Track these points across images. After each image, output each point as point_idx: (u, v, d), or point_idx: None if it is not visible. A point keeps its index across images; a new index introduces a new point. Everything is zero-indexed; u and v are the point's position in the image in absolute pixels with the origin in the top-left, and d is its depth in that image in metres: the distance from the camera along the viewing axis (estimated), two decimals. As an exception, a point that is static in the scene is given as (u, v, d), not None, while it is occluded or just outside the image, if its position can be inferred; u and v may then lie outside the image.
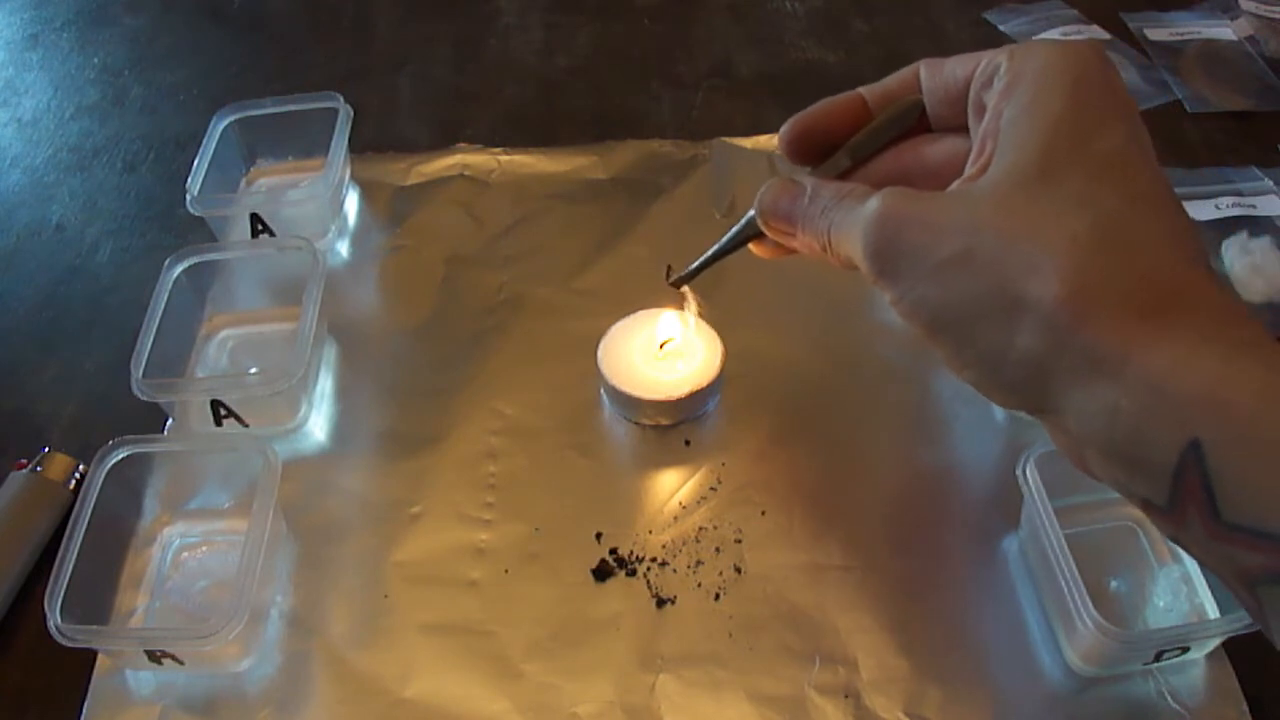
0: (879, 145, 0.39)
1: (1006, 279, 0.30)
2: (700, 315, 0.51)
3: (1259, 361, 0.27)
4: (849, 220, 0.35)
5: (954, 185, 0.34)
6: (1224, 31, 0.75)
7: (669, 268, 0.49)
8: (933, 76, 0.38)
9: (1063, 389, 0.30)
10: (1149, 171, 0.32)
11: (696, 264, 0.47)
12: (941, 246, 0.32)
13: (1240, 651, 0.42)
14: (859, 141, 0.39)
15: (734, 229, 0.43)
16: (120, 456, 0.46)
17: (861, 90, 0.40)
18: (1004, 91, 0.34)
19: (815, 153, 0.40)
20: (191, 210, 0.58)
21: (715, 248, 0.45)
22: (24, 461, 0.49)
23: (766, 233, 0.41)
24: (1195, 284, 0.30)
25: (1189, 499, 0.28)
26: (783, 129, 0.40)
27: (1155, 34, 0.75)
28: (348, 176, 0.64)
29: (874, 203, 0.34)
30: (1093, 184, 0.31)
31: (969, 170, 0.34)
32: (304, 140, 0.63)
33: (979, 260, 0.31)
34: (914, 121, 0.39)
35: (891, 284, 0.33)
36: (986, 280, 0.31)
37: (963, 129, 0.37)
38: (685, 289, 0.50)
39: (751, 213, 0.41)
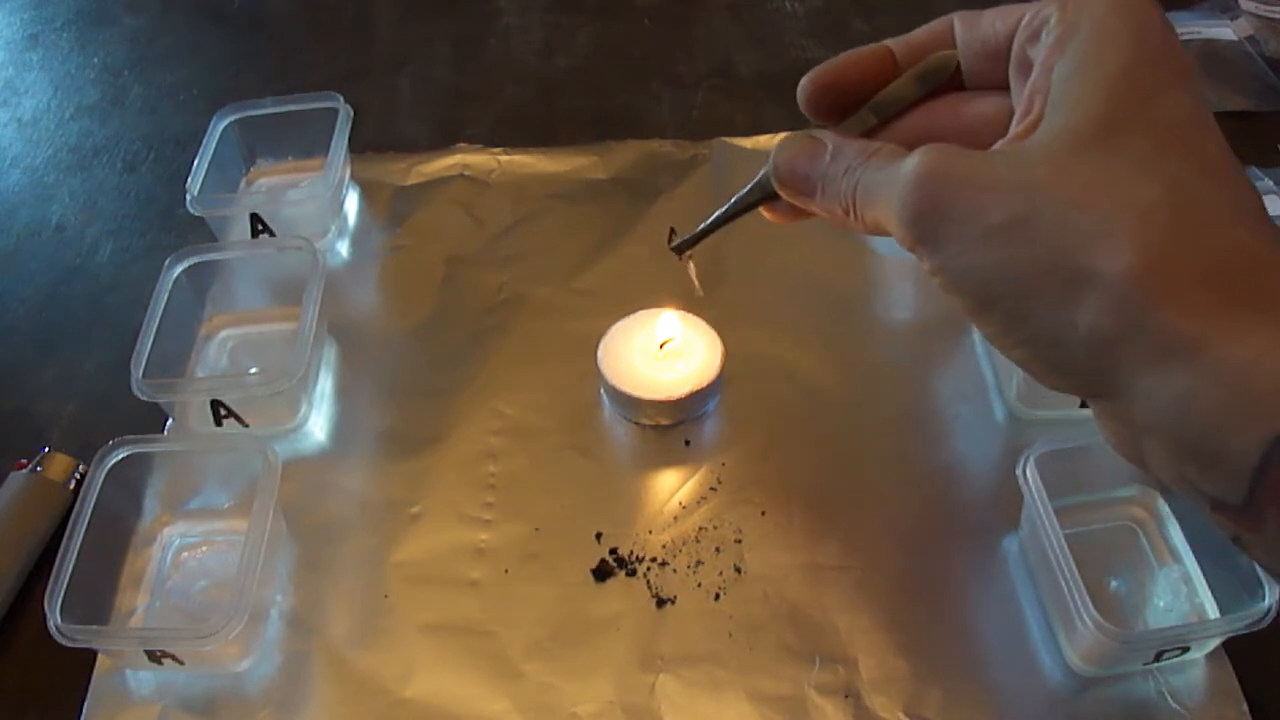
0: (907, 103, 0.36)
1: (1069, 249, 0.27)
2: (699, 283, 0.47)
3: None
4: (879, 180, 0.32)
5: (998, 145, 0.31)
6: (1224, 31, 0.75)
7: (671, 230, 0.44)
8: (969, 29, 0.34)
9: (1130, 373, 0.27)
10: (1216, 138, 0.29)
11: (701, 227, 0.42)
12: (993, 210, 0.28)
13: (1240, 651, 0.42)
14: (886, 98, 0.36)
15: (744, 190, 0.39)
16: (120, 456, 0.46)
17: (889, 42, 0.36)
18: (1055, 45, 0.30)
19: (837, 108, 0.37)
20: (191, 210, 0.58)
21: (723, 210, 0.40)
22: (24, 461, 0.49)
23: (782, 194, 0.37)
24: (1273, 260, 0.27)
25: (1269, 498, 0.26)
26: (803, 81, 0.36)
27: (1155, 34, 0.75)
28: (348, 176, 0.64)
29: (914, 160, 0.30)
30: (1160, 149, 0.28)
31: (1015, 129, 0.31)
32: (304, 140, 0.63)
33: (1038, 226, 0.28)
34: (946, 78, 0.35)
35: (933, 251, 0.30)
36: (1046, 248, 0.28)
37: (1001, 87, 0.34)
38: (689, 259, 0.46)
39: (764, 172, 0.37)
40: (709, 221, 0.41)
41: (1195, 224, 0.27)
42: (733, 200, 0.39)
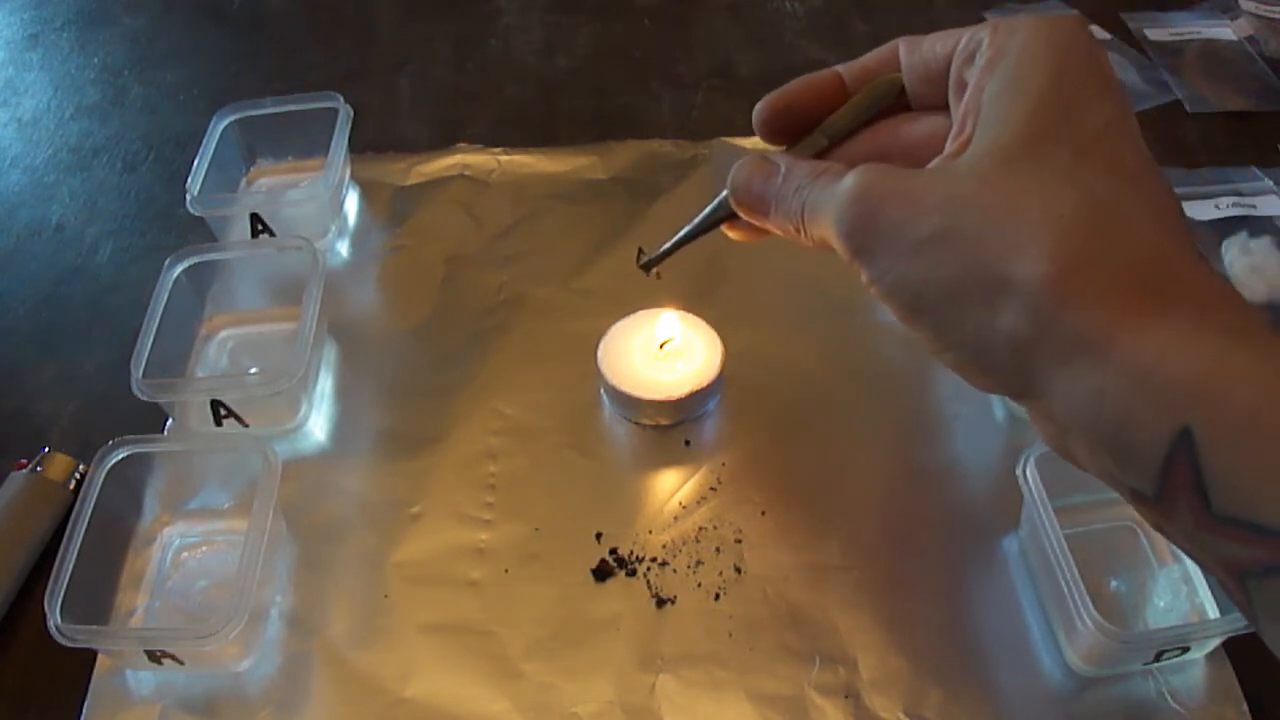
0: (856, 124, 0.38)
1: (990, 257, 0.29)
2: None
3: (1253, 348, 0.27)
4: (823, 199, 0.34)
5: (934, 162, 0.33)
6: (1224, 31, 0.75)
7: (640, 249, 0.46)
8: (912, 53, 0.37)
9: (1047, 372, 0.29)
10: (1136, 149, 0.31)
11: (667, 245, 0.44)
12: (921, 223, 0.30)
13: (1240, 651, 0.42)
14: (835, 120, 0.38)
15: (706, 209, 0.41)
16: (120, 456, 0.46)
17: (838, 68, 0.38)
18: (986, 67, 0.33)
19: (791, 132, 0.39)
20: (191, 210, 0.58)
21: (686, 229, 0.42)
22: (24, 461, 0.49)
23: (740, 213, 0.39)
24: (1186, 266, 0.29)
25: (1178, 489, 0.27)
26: (757, 107, 0.39)
27: (1155, 34, 0.75)
28: (348, 176, 0.64)
29: (850, 179, 0.32)
30: (1079, 161, 0.30)
31: (949, 147, 0.33)
32: (304, 140, 0.63)
33: (961, 238, 0.30)
34: (893, 100, 0.37)
35: (869, 263, 0.32)
36: (969, 259, 0.29)
37: (943, 108, 0.36)
38: (657, 274, 0.46)
39: (725, 193, 0.39)
40: (674, 240, 0.43)
41: (1108, 230, 0.28)
42: (696, 219, 0.42)
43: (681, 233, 0.43)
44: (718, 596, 0.45)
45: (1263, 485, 0.26)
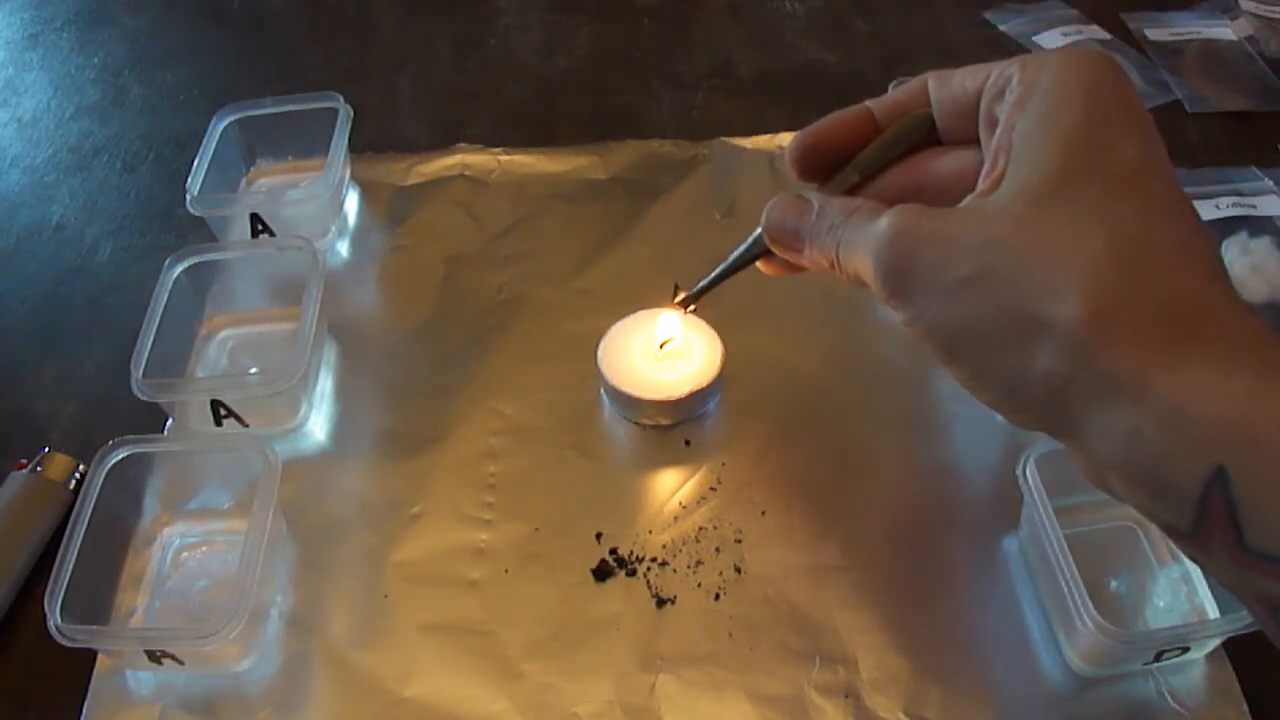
0: (888, 160, 0.38)
1: (1025, 299, 0.29)
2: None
3: None
4: (859, 237, 0.34)
5: (967, 201, 0.33)
6: (1224, 31, 0.75)
7: (676, 286, 0.48)
8: (942, 88, 0.37)
9: (1083, 412, 0.29)
10: (1166, 185, 0.31)
11: (703, 283, 0.46)
12: (957, 265, 0.31)
13: (1240, 651, 0.42)
14: (867, 156, 0.39)
15: (741, 247, 0.42)
16: (120, 456, 0.46)
17: (869, 103, 0.39)
18: (1016, 104, 0.33)
19: (823, 168, 0.40)
20: (191, 210, 0.58)
21: (722, 266, 0.44)
22: (24, 461, 0.49)
23: (773, 250, 0.40)
24: (1217, 303, 0.29)
25: (1213, 525, 0.27)
26: (789, 145, 0.40)
27: (1155, 34, 0.75)
28: (348, 176, 0.64)
29: (885, 220, 0.33)
30: (1110, 199, 0.30)
31: (982, 185, 0.33)
32: (304, 140, 0.63)
33: (996, 279, 0.30)
34: (923, 135, 0.38)
35: (905, 304, 0.33)
36: (1004, 300, 0.30)
37: (974, 142, 0.36)
38: (693, 310, 0.49)
39: (759, 230, 0.40)
40: (710, 277, 0.45)
41: (1140, 270, 0.29)
42: (731, 256, 0.43)
43: (717, 270, 0.44)
44: (718, 596, 0.45)
45: None
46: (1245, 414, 0.26)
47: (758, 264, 0.42)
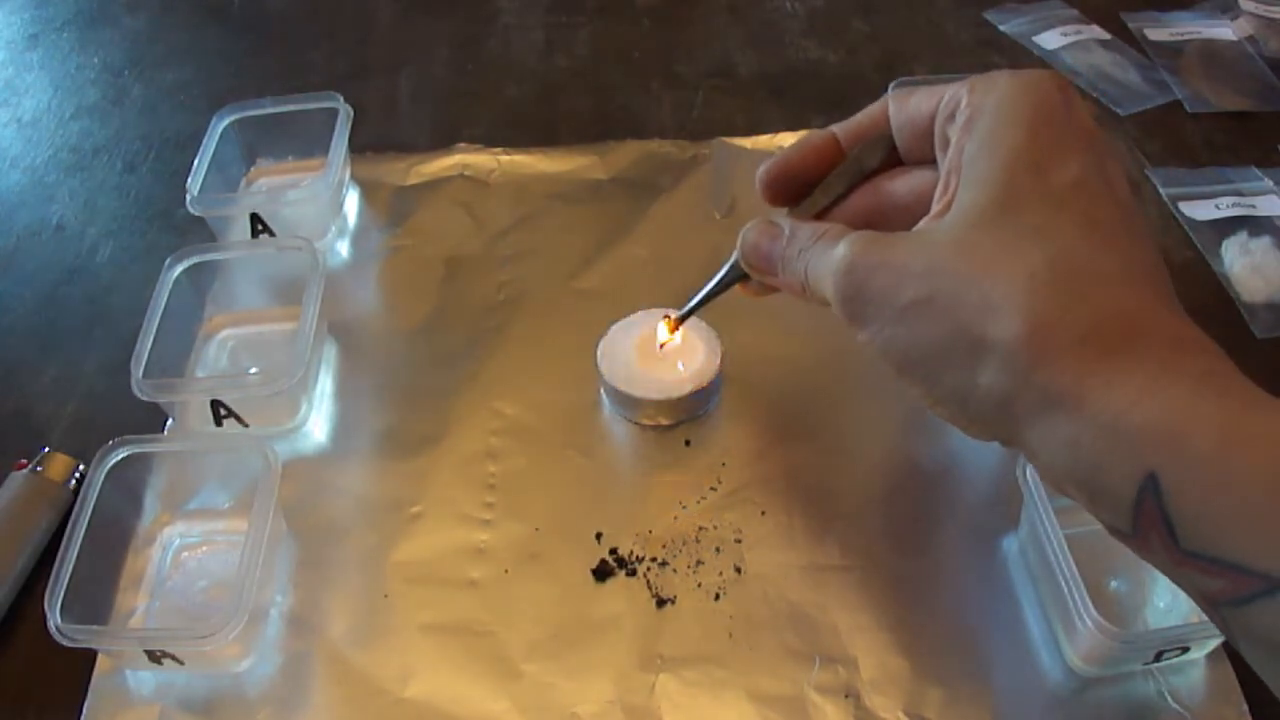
0: (852, 183, 0.40)
1: (967, 321, 0.31)
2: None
3: (1214, 393, 0.28)
4: (822, 263, 0.36)
5: (920, 224, 0.34)
6: (1224, 31, 0.75)
7: (666, 314, 0.50)
8: (900, 111, 0.38)
9: (1027, 425, 0.31)
10: (1111, 200, 0.32)
11: (688, 307, 0.47)
12: (904, 291, 0.32)
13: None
14: (831, 181, 0.40)
15: (721, 271, 0.44)
16: (120, 456, 0.46)
17: (834, 128, 0.40)
18: (965, 126, 0.34)
19: (792, 194, 0.41)
20: (191, 210, 0.58)
21: (705, 290, 0.46)
22: (24, 461, 0.49)
23: (750, 274, 0.42)
24: (1153, 316, 0.30)
25: (1149, 527, 0.28)
26: (759, 174, 0.41)
27: (1155, 34, 0.75)
28: (348, 176, 0.64)
29: (841, 249, 0.35)
30: (1051, 218, 0.31)
31: (935, 208, 0.34)
32: (304, 140, 0.63)
33: (940, 303, 0.31)
34: (883, 158, 0.39)
35: (862, 328, 0.34)
36: (948, 322, 0.31)
37: (933, 162, 0.37)
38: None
39: (736, 255, 0.42)
40: (694, 301, 0.47)
41: (1077, 286, 0.30)
42: (712, 281, 0.45)
43: (700, 294, 0.46)
44: (718, 596, 0.45)
45: (1224, 523, 0.27)
46: (1175, 422, 0.28)
47: (737, 287, 0.44)
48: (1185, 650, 0.41)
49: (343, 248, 0.61)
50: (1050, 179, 0.32)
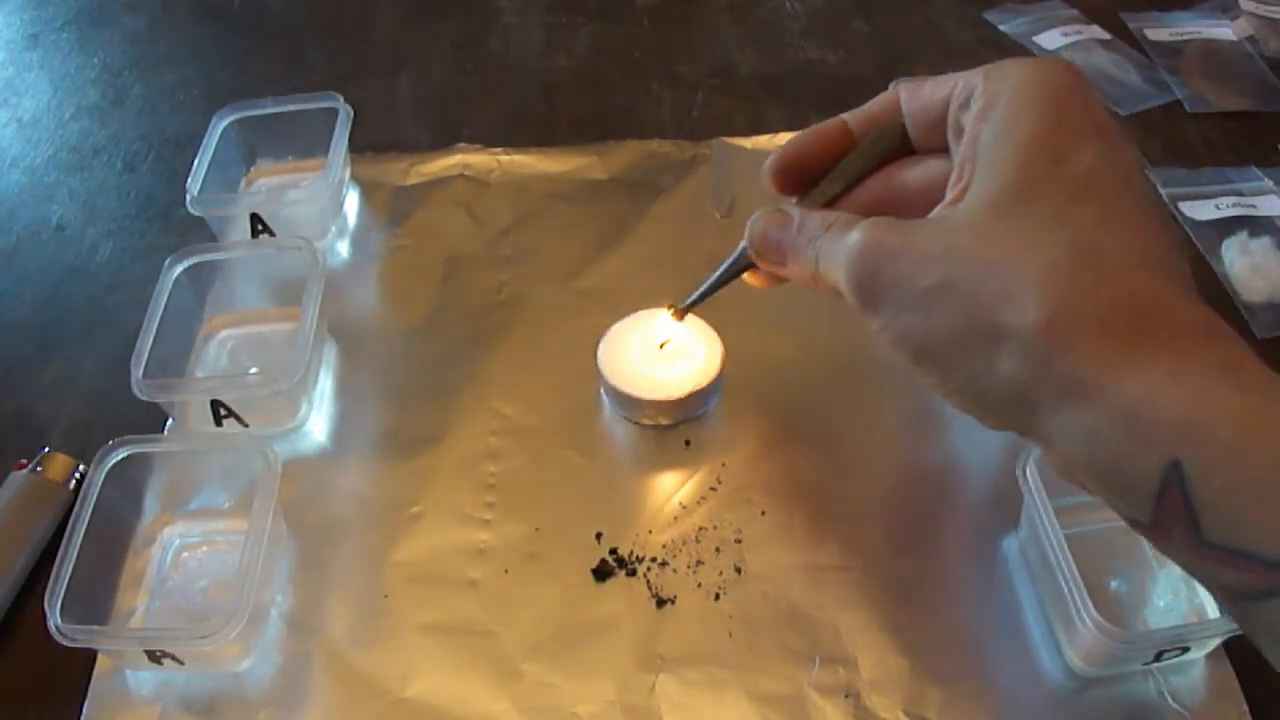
0: (863, 172, 0.40)
1: (986, 307, 0.30)
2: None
3: (1237, 383, 0.28)
4: (835, 251, 0.35)
5: (935, 211, 0.34)
6: (1224, 31, 0.75)
7: (671, 305, 0.50)
8: (912, 99, 0.38)
9: (1046, 414, 0.30)
10: (1127, 188, 0.32)
11: (695, 296, 0.47)
12: (922, 277, 0.32)
13: (1240, 651, 0.42)
14: (843, 169, 0.40)
15: (728, 260, 0.44)
16: (120, 456, 0.46)
17: (844, 116, 0.40)
18: (980, 114, 0.34)
19: (802, 182, 0.41)
20: (191, 210, 0.58)
21: (711, 280, 0.45)
22: (24, 461, 0.49)
23: (758, 263, 0.41)
24: (1173, 304, 0.30)
25: (1172, 518, 0.28)
26: (768, 162, 0.41)
27: (1155, 34, 0.75)
28: (348, 176, 0.64)
29: (855, 234, 0.34)
30: (1068, 205, 0.31)
31: (949, 195, 0.34)
32: (304, 140, 0.63)
33: (958, 290, 0.31)
34: (895, 145, 0.39)
35: (876, 315, 0.34)
36: (966, 309, 0.31)
37: (945, 151, 0.37)
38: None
39: (743, 244, 0.41)
40: (701, 290, 0.47)
41: (1096, 274, 0.30)
42: (719, 270, 0.44)
43: (707, 283, 0.46)
44: (718, 596, 0.45)
45: (1249, 514, 0.27)
46: (1198, 411, 0.27)
47: (744, 276, 0.44)
48: (1185, 650, 0.41)
49: (343, 248, 0.61)
50: (1067, 167, 0.31)
